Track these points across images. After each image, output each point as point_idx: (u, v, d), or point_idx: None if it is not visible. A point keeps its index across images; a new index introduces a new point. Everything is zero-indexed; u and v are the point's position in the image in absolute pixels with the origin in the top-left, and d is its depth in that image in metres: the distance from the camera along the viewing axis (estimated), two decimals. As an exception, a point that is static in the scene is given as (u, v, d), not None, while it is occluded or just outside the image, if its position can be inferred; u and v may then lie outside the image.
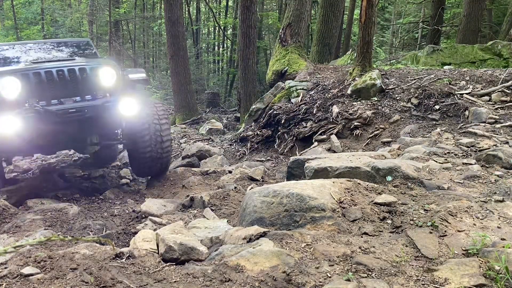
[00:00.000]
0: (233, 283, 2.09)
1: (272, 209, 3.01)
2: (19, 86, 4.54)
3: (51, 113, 4.62)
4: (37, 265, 2.18)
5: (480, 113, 5.77)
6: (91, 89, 5.02)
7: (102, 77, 5.06)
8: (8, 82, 4.51)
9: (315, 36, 12.67)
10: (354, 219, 2.81)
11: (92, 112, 4.89)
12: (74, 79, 4.88)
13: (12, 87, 4.51)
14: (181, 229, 2.86)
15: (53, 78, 4.77)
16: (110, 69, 5.14)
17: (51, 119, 4.62)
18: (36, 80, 4.68)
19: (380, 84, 7.19)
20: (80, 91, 4.95)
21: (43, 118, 4.57)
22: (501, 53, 9.74)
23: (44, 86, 4.71)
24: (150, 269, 2.26)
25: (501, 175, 3.71)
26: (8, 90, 4.51)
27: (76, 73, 4.91)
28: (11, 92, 4.51)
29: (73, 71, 4.90)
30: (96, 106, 4.91)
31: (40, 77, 4.71)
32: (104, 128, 5.49)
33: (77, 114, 4.79)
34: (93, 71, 5.03)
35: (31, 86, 4.62)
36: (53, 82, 4.76)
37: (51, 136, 4.99)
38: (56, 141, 5.33)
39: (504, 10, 16.03)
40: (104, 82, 5.08)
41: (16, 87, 4.53)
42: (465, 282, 2.03)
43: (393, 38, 25.63)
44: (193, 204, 4.25)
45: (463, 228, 2.57)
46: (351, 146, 6.60)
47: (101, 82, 5.06)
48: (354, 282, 2.06)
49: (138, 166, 5.90)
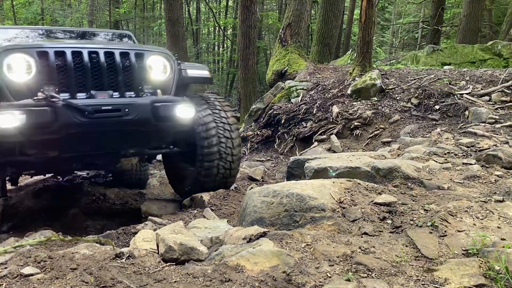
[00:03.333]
0: (233, 283, 2.09)
1: (272, 209, 3.01)
2: (33, 68, 3.28)
3: (74, 110, 3.23)
4: (37, 265, 2.18)
5: (480, 113, 5.77)
6: (135, 83, 3.69)
7: (151, 69, 3.83)
8: (17, 61, 3.25)
9: (315, 36, 12.68)
10: (354, 219, 2.81)
11: (136, 113, 3.49)
12: (112, 67, 3.57)
13: (22, 67, 3.27)
14: (181, 229, 2.86)
15: (82, 62, 3.44)
16: (161, 59, 3.91)
17: (73, 118, 3.23)
18: (58, 62, 3.37)
19: (380, 84, 7.19)
20: (120, 84, 3.60)
21: (62, 115, 3.19)
22: (501, 53, 9.74)
23: (69, 72, 3.38)
24: (150, 269, 2.26)
25: (501, 175, 3.71)
26: (17, 71, 3.25)
27: (115, 59, 3.59)
28: (21, 75, 3.26)
29: (111, 56, 3.59)
30: (142, 106, 3.54)
31: (64, 59, 3.38)
32: (150, 138, 3.93)
33: (114, 114, 3.41)
34: (139, 59, 3.74)
35: (50, 70, 3.33)
36: (83, 68, 3.44)
37: (69, 145, 3.51)
38: (76, 153, 3.76)
39: (504, 10, 16.03)
40: (154, 76, 3.84)
41: (27, 69, 3.29)
42: (465, 282, 2.03)
43: (393, 38, 25.64)
44: (193, 204, 4.24)
45: (463, 228, 2.57)
46: (351, 146, 6.60)
47: (149, 75, 3.80)
48: (354, 282, 2.06)
49: (196, 180, 4.33)
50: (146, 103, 3.56)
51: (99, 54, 3.51)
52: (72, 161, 3.96)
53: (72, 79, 3.39)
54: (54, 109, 3.16)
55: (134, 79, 3.67)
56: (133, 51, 3.71)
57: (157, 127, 3.66)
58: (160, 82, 3.83)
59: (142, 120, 3.54)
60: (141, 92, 3.69)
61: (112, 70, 3.57)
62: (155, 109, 3.56)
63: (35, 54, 3.29)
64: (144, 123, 3.57)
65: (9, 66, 3.22)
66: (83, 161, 4.04)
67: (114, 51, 3.59)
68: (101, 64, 3.50)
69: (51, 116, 3.15)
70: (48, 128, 3.18)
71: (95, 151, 3.82)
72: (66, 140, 3.35)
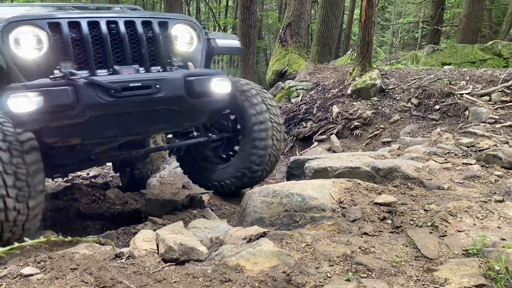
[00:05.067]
0: (233, 283, 2.09)
1: (272, 209, 3.01)
2: (44, 42, 2.81)
3: (98, 88, 2.79)
4: (37, 265, 2.18)
5: (480, 113, 5.77)
6: (162, 56, 3.24)
7: (176, 39, 3.36)
8: (25, 35, 2.78)
9: (315, 36, 12.68)
10: (354, 219, 2.81)
11: (168, 90, 3.03)
12: (134, 38, 3.12)
13: (31, 42, 2.79)
14: (181, 229, 2.86)
15: (100, 33, 2.98)
16: (187, 28, 3.46)
17: (98, 98, 2.78)
18: (73, 34, 2.90)
19: (380, 84, 7.19)
20: (144, 57, 3.15)
21: (85, 95, 2.74)
22: (501, 53, 9.74)
23: (86, 45, 2.91)
24: (150, 269, 2.26)
25: (501, 175, 3.71)
26: (26, 47, 2.79)
27: (136, 29, 3.12)
28: (31, 51, 2.80)
29: (132, 25, 3.11)
30: (174, 81, 3.08)
31: (79, 31, 2.92)
32: (183, 118, 3.44)
33: (144, 91, 2.96)
34: (163, 28, 3.29)
35: (64, 44, 2.86)
36: (101, 41, 2.98)
37: (93, 130, 3.06)
38: (101, 139, 3.34)
39: (504, 10, 16.03)
40: (180, 47, 3.38)
41: (38, 43, 2.81)
42: (465, 282, 2.03)
43: (393, 38, 25.65)
44: (193, 204, 4.24)
45: (463, 228, 2.57)
46: (351, 146, 6.60)
47: (175, 47, 3.35)
48: (354, 282, 2.06)
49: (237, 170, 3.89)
50: (178, 78, 3.10)
51: (118, 24, 3.05)
52: (95, 150, 3.54)
53: (90, 54, 2.92)
54: (75, 89, 2.71)
55: (160, 51, 3.22)
56: (156, 20, 3.24)
57: (191, 104, 3.23)
58: (187, 54, 3.39)
59: (175, 97, 3.09)
60: (170, 65, 3.25)
61: (134, 41, 3.11)
62: (189, 84, 3.11)
63: (46, 26, 2.81)
64: (178, 100, 3.13)
65: (16, 40, 2.74)
66: (105, 153, 3.64)
67: (135, 19, 3.12)
68: (122, 35, 3.04)
69: (72, 97, 2.70)
70: (70, 111, 2.73)
71: (122, 136, 3.38)
72: (91, 124, 2.91)
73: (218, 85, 3.26)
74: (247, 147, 3.81)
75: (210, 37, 3.65)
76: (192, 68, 3.30)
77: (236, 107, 3.83)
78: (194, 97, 3.16)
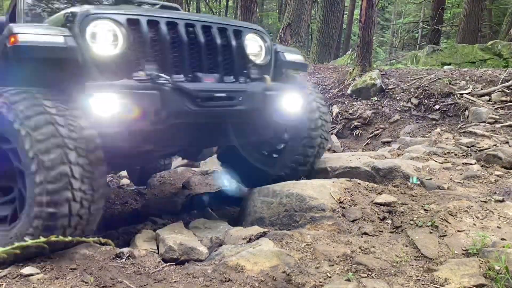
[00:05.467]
0: (233, 283, 2.09)
1: (272, 209, 3.01)
2: (120, 39, 2.60)
3: (185, 95, 2.60)
4: (37, 265, 2.18)
5: (480, 113, 5.78)
6: (236, 66, 3.01)
7: (248, 49, 3.13)
8: (103, 29, 2.58)
9: (315, 36, 12.69)
10: (354, 219, 2.81)
11: (249, 103, 2.88)
12: (211, 45, 2.88)
13: (108, 38, 2.59)
14: (181, 229, 2.86)
15: (178, 36, 2.74)
16: (258, 39, 3.25)
17: (183, 106, 2.61)
18: (151, 34, 2.68)
19: (380, 84, 7.20)
20: (226, 67, 2.96)
21: (171, 102, 2.57)
22: (501, 53, 9.74)
23: (165, 46, 2.70)
24: (150, 269, 2.26)
25: (501, 175, 3.71)
26: (103, 42, 2.57)
27: (214, 36, 2.89)
28: (107, 48, 2.57)
29: (209, 31, 2.89)
30: (255, 94, 2.91)
31: (157, 31, 2.69)
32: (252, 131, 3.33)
33: (226, 103, 2.80)
34: (237, 37, 3.04)
35: (142, 43, 2.64)
36: (180, 43, 2.75)
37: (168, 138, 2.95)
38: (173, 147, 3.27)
39: (504, 10, 16.04)
40: (252, 58, 3.17)
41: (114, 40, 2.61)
42: (465, 282, 2.03)
43: (393, 38, 25.66)
44: (193, 204, 4.24)
45: (463, 228, 2.57)
46: (351, 146, 6.61)
47: (247, 57, 3.11)
48: (354, 282, 2.06)
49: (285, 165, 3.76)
50: (259, 91, 2.93)
51: (196, 27, 2.82)
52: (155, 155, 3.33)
53: (169, 57, 2.70)
54: (161, 94, 2.52)
55: (234, 61, 3.01)
56: (231, 27, 3.03)
57: (265, 119, 3.09)
58: (259, 65, 3.18)
59: (254, 111, 2.92)
60: (247, 77, 3.03)
61: (211, 48, 2.88)
62: (268, 98, 2.96)
63: (125, 22, 2.60)
64: (255, 114, 2.96)
65: (93, 35, 2.54)
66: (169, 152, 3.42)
67: (212, 25, 2.91)
68: (199, 40, 2.81)
69: (160, 102, 2.51)
70: (154, 117, 2.55)
71: (193, 145, 3.23)
72: (167, 131, 2.75)
73: (292, 102, 3.14)
74: (296, 144, 3.68)
75: (278, 49, 3.48)
76: (269, 81, 3.09)
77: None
78: (269, 111, 3.04)
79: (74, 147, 2.34)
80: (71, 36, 2.49)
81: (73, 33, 2.50)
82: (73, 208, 2.31)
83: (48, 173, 2.24)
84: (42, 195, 2.24)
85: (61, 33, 2.49)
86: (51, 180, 2.24)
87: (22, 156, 2.33)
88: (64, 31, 2.51)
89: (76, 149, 2.35)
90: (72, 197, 2.29)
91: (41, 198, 2.24)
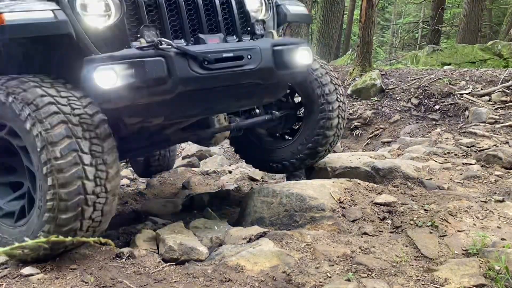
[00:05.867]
0: (233, 283, 2.09)
1: (272, 209, 3.01)
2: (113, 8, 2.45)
3: (191, 59, 2.45)
4: (37, 265, 2.18)
5: (480, 113, 5.78)
6: (242, 24, 2.92)
7: (249, 5, 3.01)
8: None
9: (315, 36, 12.68)
10: (354, 219, 2.81)
11: (258, 61, 2.71)
12: (209, 4, 2.78)
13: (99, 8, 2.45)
14: (181, 229, 2.86)
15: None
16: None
17: (191, 71, 2.45)
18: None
19: (380, 84, 7.20)
20: (228, 26, 2.85)
21: (178, 68, 2.40)
22: (501, 53, 9.74)
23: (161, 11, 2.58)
24: (150, 269, 2.26)
25: (501, 175, 3.71)
26: (94, 13, 2.43)
27: None
28: (100, 19, 2.44)
29: None
30: (264, 51, 2.74)
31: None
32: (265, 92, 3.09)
33: (235, 63, 2.63)
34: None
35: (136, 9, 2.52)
36: (175, 6, 2.63)
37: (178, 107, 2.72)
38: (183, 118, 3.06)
39: (504, 10, 16.05)
40: (253, 13, 3.04)
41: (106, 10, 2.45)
42: (465, 282, 2.03)
43: (393, 38, 25.67)
44: (193, 204, 4.24)
45: (463, 228, 2.57)
46: (351, 146, 6.61)
47: (250, 12, 2.99)
48: (354, 282, 2.06)
49: (300, 150, 3.62)
50: (267, 48, 2.75)
51: None
52: (167, 131, 3.24)
53: (166, 21, 2.56)
54: (166, 60, 2.37)
55: (235, 19, 2.87)
56: None
57: (276, 77, 2.90)
58: (261, 21, 3.02)
59: (265, 70, 2.75)
60: (252, 34, 2.90)
61: (209, 8, 2.77)
62: (277, 54, 2.79)
63: None
64: (267, 73, 2.79)
65: (83, 6, 2.40)
66: (177, 133, 3.33)
67: None
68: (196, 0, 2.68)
69: (166, 69, 2.36)
70: (161, 86, 2.39)
71: (202, 114, 3.09)
72: (177, 100, 2.55)
73: (302, 55, 2.95)
74: (312, 127, 3.56)
75: (279, 3, 3.30)
76: (276, 36, 2.99)
77: (301, 83, 3.53)
78: (281, 68, 2.83)
79: (78, 121, 2.26)
80: (60, 10, 2.32)
81: (61, 6, 2.34)
82: (87, 186, 2.21)
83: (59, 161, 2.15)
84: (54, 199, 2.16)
85: (49, 7, 2.32)
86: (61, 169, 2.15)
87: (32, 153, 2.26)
88: (52, 4, 2.34)
89: (80, 124, 2.25)
90: (84, 175, 2.20)
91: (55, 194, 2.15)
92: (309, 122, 3.60)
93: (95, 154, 2.26)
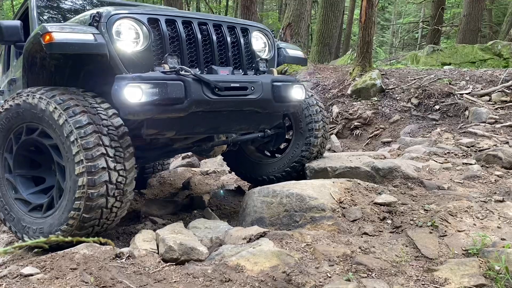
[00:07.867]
0: (233, 283, 2.09)
1: (272, 209, 3.01)
2: (141, 37, 2.94)
3: (205, 85, 2.93)
4: (37, 265, 2.18)
5: (480, 113, 5.78)
6: (248, 60, 3.41)
7: (255, 45, 3.50)
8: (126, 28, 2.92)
9: (315, 36, 12.69)
10: (354, 219, 2.81)
11: (259, 93, 3.20)
12: (222, 41, 3.25)
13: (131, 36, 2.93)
14: (181, 229, 2.86)
15: (193, 33, 3.10)
16: (262, 36, 3.63)
17: (204, 95, 2.92)
18: (169, 32, 3.03)
19: (380, 84, 7.20)
20: (236, 61, 3.33)
21: (193, 91, 2.88)
22: (501, 53, 9.74)
23: (182, 43, 3.05)
24: (150, 269, 2.26)
25: (501, 175, 3.71)
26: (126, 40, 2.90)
27: (224, 33, 3.26)
28: (130, 44, 2.91)
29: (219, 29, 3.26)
30: (265, 85, 3.23)
31: (175, 29, 3.05)
32: (262, 119, 3.58)
33: (240, 92, 3.12)
34: (244, 34, 3.44)
35: (161, 40, 2.99)
36: (194, 40, 3.12)
37: (188, 125, 3.18)
38: (191, 134, 3.50)
39: (504, 10, 16.05)
40: (258, 52, 3.53)
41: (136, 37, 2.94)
42: (465, 282, 2.03)
43: (393, 38, 25.68)
44: (193, 204, 4.25)
45: (463, 228, 2.57)
46: (351, 146, 6.61)
47: (255, 52, 3.48)
48: (354, 282, 2.06)
49: (287, 164, 4.15)
50: (268, 82, 3.27)
51: (208, 25, 3.19)
52: (176, 145, 3.75)
53: (185, 52, 3.05)
54: (185, 84, 2.85)
55: (242, 56, 3.36)
56: (239, 25, 3.41)
57: (273, 108, 3.41)
58: (264, 60, 3.49)
59: (264, 100, 3.26)
60: (256, 70, 3.39)
61: (222, 44, 3.25)
62: (275, 88, 3.31)
63: (145, 21, 2.94)
64: (265, 103, 3.30)
65: (118, 33, 2.87)
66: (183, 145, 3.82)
67: (222, 23, 3.28)
68: (212, 37, 3.18)
69: (184, 92, 2.84)
70: (178, 105, 2.85)
71: (208, 132, 3.58)
72: (188, 119, 3.03)
73: (297, 92, 3.47)
74: (300, 143, 4.11)
75: (280, 46, 3.86)
76: (276, 73, 3.49)
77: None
78: (278, 101, 3.35)
79: (106, 132, 2.71)
80: (99, 34, 2.79)
81: (100, 31, 2.80)
82: (110, 190, 2.66)
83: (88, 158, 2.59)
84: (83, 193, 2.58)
85: (91, 31, 2.79)
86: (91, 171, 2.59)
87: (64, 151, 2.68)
88: (93, 29, 2.80)
89: (108, 134, 2.72)
90: (109, 179, 2.65)
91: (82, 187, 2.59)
92: (298, 140, 4.14)
93: (119, 160, 2.71)
